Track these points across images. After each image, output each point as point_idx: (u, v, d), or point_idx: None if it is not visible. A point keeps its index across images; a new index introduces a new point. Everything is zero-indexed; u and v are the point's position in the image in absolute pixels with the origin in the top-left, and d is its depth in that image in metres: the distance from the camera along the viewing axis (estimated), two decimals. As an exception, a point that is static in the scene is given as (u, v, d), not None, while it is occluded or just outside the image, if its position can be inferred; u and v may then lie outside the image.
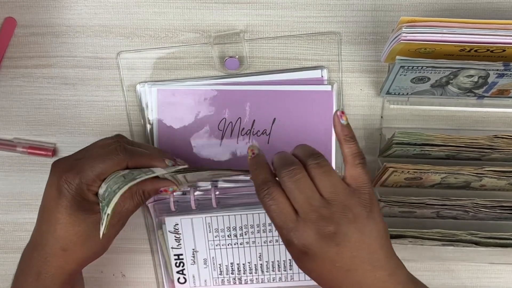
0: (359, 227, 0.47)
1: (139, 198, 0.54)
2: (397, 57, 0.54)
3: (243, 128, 0.63)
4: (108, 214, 0.47)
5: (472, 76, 0.56)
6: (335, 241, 0.47)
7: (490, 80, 0.56)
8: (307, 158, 0.49)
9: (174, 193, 0.60)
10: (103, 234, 0.48)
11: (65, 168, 0.51)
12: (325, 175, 0.48)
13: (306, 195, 0.47)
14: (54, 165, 0.52)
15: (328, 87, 0.62)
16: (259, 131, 0.63)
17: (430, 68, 0.54)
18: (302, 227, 0.47)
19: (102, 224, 0.48)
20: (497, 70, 0.54)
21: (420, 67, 0.54)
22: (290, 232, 0.48)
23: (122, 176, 0.50)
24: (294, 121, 0.63)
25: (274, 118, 0.63)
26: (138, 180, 0.49)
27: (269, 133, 0.63)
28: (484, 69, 0.54)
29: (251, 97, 0.63)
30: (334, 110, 0.63)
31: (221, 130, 0.63)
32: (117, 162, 0.51)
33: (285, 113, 0.63)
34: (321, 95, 0.62)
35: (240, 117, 0.63)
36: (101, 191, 0.50)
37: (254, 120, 0.63)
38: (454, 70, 0.55)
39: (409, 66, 0.54)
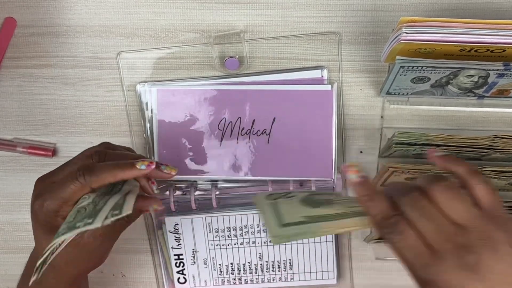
0: (503, 256, 0.41)
1: (122, 222, 0.52)
2: (397, 57, 0.54)
3: (243, 128, 0.63)
4: (42, 263, 0.44)
5: (472, 76, 0.56)
6: (478, 273, 0.40)
7: (490, 80, 0.56)
8: (431, 182, 0.43)
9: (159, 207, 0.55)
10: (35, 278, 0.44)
11: (38, 192, 0.50)
12: (457, 199, 0.42)
13: (436, 223, 0.42)
14: (35, 183, 0.51)
15: (328, 87, 0.62)
16: (259, 130, 0.63)
17: (430, 68, 0.54)
18: (438, 260, 0.41)
19: (37, 268, 0.43)
20: (497, 70, 0.54)
21: (420, 67, 0.54)
22: (426, 269, 0.41)
23: (84, 208, 0.47)
24: (294, 121, 0.63)
25: (274, 118, 0.63)
26: (76, 231, 0.44)
27: (269, 133, 0.63)
28: (484, 69, 0.54)
29: (251, 97, 0.63)
30: (334, 109, 0.62)
31: (221, 130, 0.63)
32: (78, 189, 0.48)
33: (285, 112, 0.63)
34: (321, 94, 0.62)
35: (240, 117, 0.63)
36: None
37: (254, 120, 0.63)
38: (454, 70, 0.55)
39: (409, 66, 0.54)
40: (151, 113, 0.63)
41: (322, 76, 0.63)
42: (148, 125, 0.63)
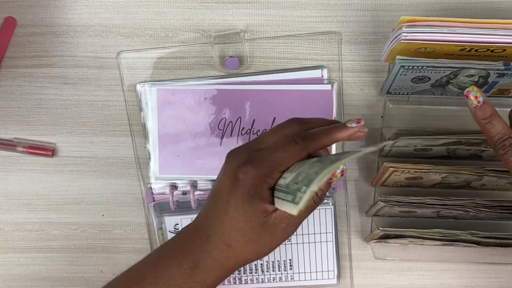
0: None
1: (311, 203, 0.49)
2: (397, 56, 0.54)
3: (243, 128, 0.63)
4: (312, 191, 0.43)
5: (472, 75, 0.56)
6: None
7: (490, 79, 0.56)
8: None
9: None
10: (298, 212, 0.44)
11: (243, 158, 0.47)
12: None
13: None
14: (231, 154, 0.49)
15: (328, 86, 0.62)
16: (259, 130, 0.63)
17: (430, 68, 0.54)
18: None
19: (298, 202, 0.44)
20: (498, 69, 0.54)
21: (420, 67, 0.54)
22: None
23: (318, 161, 0.46)
24: None
25: (274, 118, 0.63)
26: (347, 158, 0.45)
27: None
28: (484, 69, 0.54)
29: (251, 97, 0.63)
30: (335, 109, 0.62)
31: (221, 130, 0.63)
32: (297, 152, 0.47)
33: (285, 112, 0.63)
34: (321, 94, 0.62)
35: (240, 117, 0.63)
36: (283, 182, 0.47)
37: (254, 120, 0.63)
38: (454, 69, 0.55)
39: (409, 66, 0.54)
40: (151, 113, 0.63)
41: (322, 76, 0.63)
42: (148, 124, 0.63)
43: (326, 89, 0.62)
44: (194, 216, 0.64)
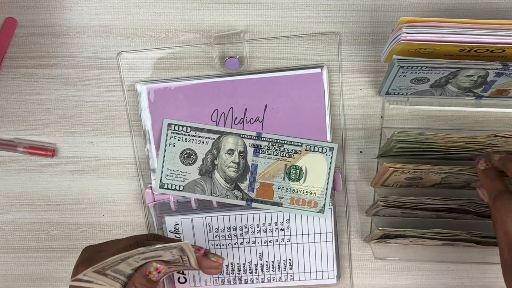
0: None
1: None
2: (394, 56, 0.54)
3: (236, 117, 0.63)
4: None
5: (471, 75, 0.56)
6: None
7: (489, 79, 0.56)
8: None
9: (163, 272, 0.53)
10: None
11: (83, 259, 0.52)
12: None
13: None
14: (82, 251, 0.53)
15: (318, 70, 0.62)
16: (252, 118, 0.63)
17: (429, 69, 0.54)
18: None
19: None
20: (496, 69, 0.54)
21: (419, 67, 0.54)
22: None
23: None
24: (286, 106, 0.63)
25: (266, 105, 0.63)
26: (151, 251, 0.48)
27: (262, 120, 0.63)
28: (483, 69, 0.54)
29: (241, 86, 0.63)
30: (327, 93, 0.62)
31: (214, 121, 0.63)
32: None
33: (277, 98, 0.63)
34: (310, 78, 0.62)
35: (232, 107, 0.63)
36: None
37: (246, 109, 0.63)
38: (453, 70, 0.55)
39: (408, 66, 0.54)
40: (145, 111, 0.63)
41: (321, 73, 0.63)
42: (146, 124, 0.63)
43: (315, 72, 0.62)
44: (194, 216, 0.65)
